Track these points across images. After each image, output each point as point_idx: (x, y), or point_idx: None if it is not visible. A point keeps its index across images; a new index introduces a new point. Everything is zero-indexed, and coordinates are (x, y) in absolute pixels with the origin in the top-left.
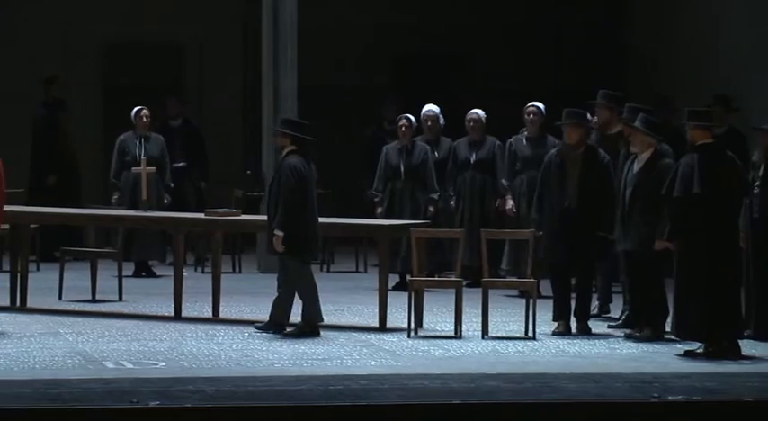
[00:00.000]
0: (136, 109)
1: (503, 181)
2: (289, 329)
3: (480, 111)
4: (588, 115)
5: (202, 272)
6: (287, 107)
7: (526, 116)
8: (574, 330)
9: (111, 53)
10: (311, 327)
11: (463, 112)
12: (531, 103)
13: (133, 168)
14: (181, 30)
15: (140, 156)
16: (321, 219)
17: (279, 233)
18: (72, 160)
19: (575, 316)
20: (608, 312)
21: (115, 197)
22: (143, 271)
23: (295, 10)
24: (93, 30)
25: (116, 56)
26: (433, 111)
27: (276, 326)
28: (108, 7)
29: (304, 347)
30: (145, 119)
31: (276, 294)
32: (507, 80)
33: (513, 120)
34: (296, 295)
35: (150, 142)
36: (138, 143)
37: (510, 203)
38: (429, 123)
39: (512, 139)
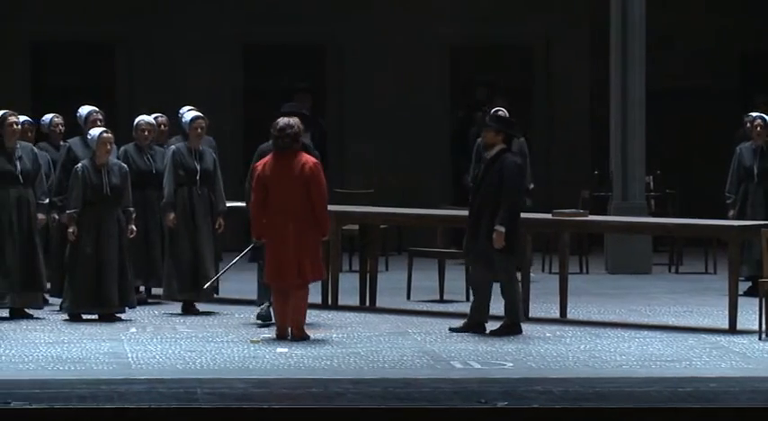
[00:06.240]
0: (492, 111)
1: None
2: (491, 329)
3: None
4: None
5: (549, 272)
6: (634, 108)
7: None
8: None
9: (455, 54)
10: (515, 325)
11: None
12: None
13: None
14: (529, 29)
15: None
16: (668, 220)
17: (501, 229)
18: None
19: None
20: None
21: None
22: None
23: (644, 10)
24: (438, 31)
25: (461, 56)
26: None
27: (476, 326)
28: (455, 8)
29: (652, 349)
30: None
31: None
32: None
33: None
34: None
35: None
36: None
37: None
38: None
39: None
